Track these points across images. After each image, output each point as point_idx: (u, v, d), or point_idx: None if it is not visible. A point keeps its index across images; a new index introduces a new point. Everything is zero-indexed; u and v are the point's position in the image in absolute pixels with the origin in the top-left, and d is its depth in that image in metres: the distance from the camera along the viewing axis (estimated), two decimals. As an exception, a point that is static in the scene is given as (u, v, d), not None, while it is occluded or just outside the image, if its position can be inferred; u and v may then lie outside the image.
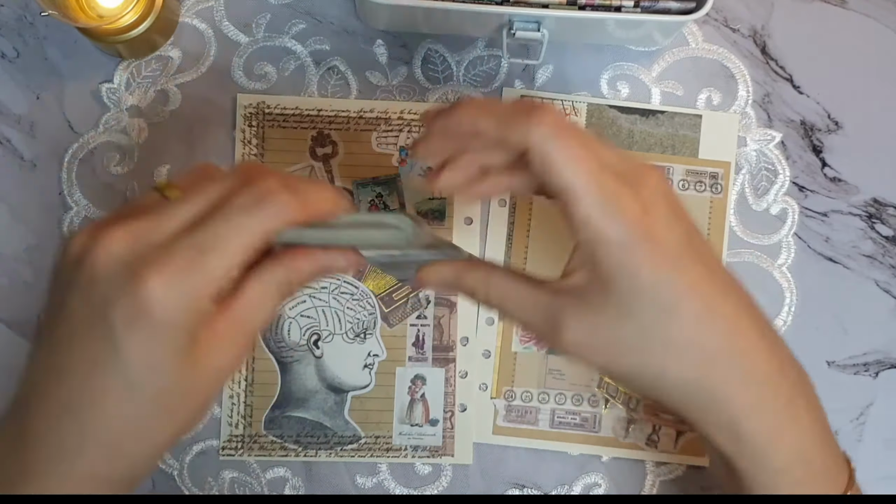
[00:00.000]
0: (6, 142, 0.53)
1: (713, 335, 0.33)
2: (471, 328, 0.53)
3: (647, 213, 0.32)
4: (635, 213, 0.32)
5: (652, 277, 0.32)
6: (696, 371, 0.33)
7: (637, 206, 0.32)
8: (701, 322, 0.33)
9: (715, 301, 0.33)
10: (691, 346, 0.33)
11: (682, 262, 0.33)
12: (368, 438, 0.53)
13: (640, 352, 0.33)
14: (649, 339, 0.33)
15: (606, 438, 0.53)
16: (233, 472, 0.53)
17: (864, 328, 0.54)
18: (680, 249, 0.33)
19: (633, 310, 0.32)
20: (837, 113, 0.55)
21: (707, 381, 0.34)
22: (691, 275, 0.33)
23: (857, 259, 0.55)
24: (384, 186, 0.53)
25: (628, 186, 0.32)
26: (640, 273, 0.32)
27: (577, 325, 0.33)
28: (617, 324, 0.33)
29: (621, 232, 0.32)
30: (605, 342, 0.33)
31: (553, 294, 0.35)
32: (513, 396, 0.53)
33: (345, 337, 0.53)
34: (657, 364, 0.33)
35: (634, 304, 0.32)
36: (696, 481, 0.54)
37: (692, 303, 0.33)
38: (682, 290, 0.32)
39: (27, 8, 0.53)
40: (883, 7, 0.55)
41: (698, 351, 0.33)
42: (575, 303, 0.34)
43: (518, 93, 0.54)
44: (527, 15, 0.48)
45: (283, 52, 0.53)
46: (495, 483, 0.53)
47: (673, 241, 0.32)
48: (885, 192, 0.55)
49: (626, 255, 0.32)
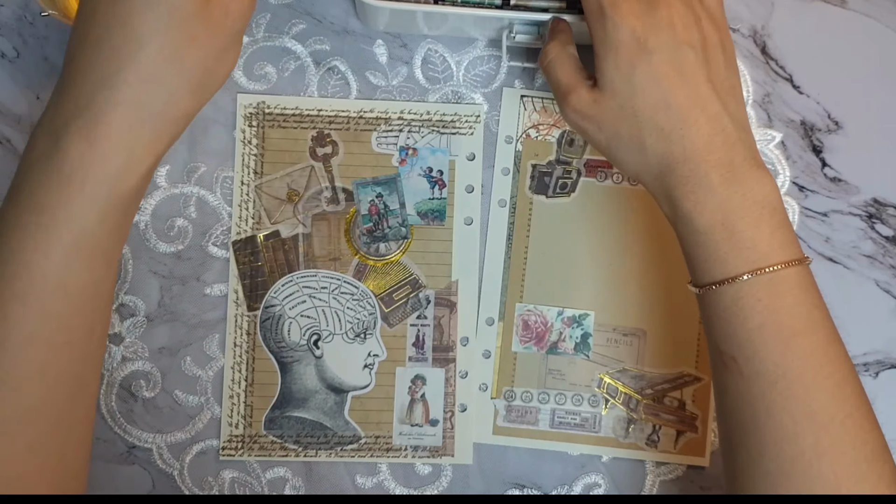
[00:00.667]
0: (6, 142, 0.53)
1: (666, 118, 0.42)
2: (471, 328, 0.53)
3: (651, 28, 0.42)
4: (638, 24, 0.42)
5: (632, 71, 0.42)
6: (649, 147, 0.43)
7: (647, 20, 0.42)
8: (656, 107, 0.42)
9: (672, 93, 0.42)
10: (648, 122, 0.42)
11: (658, 64, 0.42)
12: (368, 438, 0.53)
13: (616, 120, 0.44)
14: (625, 111, 0.43)
15: (606, 438, 0.53)
16: (233, 472, 0.53)
17: (864, 328, 0.54)
18: (663, 56, 0.42)
19: (616, 90, 0.43)
20: (837, 113, 0.55)
21: (653, 157, 0.43)
22: (659, 72, 0.42)
23: (857, 259, 0.55)
24: (384, 186, 0.53)
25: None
26: (630, 69, 0.42)
27: (584, 94, 0.45)
28: (606, 100, 0.44)
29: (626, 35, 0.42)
30: (597, 112, 0.44)
31: (580, 71, 0.46)
32: (513, 396, 0.53)
33: (345, 337, 0.53)
34: (626, 133, 0.43)
35: (618, 85, 0.43)
36: (696, 481, 0.54)
37: (653, 91, 0.42)
38: (647, 81, 0.42)
39: (27, 8, 0.53)
40: (883, 7, 0.55)
41: (654, 129, 0.43)
42: (590, 83, 0.45)
43: (518, 93, 0.54)
44: (527, 19, 0.48)
45: (283, 52, 0.53)
46: (495, 483, 0.53)
47: (661, 50, 0.42)
48: (885, 192, 0.55)
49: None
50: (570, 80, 0.45)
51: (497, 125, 0.54)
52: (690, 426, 0.53)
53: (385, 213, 0.53)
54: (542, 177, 0.54)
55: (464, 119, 0.54)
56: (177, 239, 0.53)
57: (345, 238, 0.53)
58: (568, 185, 0.54)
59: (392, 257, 0.53)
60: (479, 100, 0.54)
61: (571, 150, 0.54)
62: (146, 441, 0.53)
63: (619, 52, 0.42)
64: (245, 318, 0.53)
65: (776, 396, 0.41)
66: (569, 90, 0.45)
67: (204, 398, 0.53)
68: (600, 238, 0.54)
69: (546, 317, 0.54)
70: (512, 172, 0.54)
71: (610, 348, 0.54)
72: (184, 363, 0.53)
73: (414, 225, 0.54)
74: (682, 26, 0.42)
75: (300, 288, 0.53)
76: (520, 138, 0.54)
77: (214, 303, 0.53)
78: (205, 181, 0.53)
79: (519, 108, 0.54)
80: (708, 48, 0.43)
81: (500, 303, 0.54)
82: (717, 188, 0.42)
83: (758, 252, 0.42)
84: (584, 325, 0.54)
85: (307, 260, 0.53)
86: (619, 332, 0.54)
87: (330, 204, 0.53)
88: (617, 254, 0.54)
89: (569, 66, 0.46)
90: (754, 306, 0.42)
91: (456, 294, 0.54)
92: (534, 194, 0.54)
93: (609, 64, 0.43)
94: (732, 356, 0.42)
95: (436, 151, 0.54)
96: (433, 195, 0.54)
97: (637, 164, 0.44)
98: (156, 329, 0.53)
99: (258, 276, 0.53)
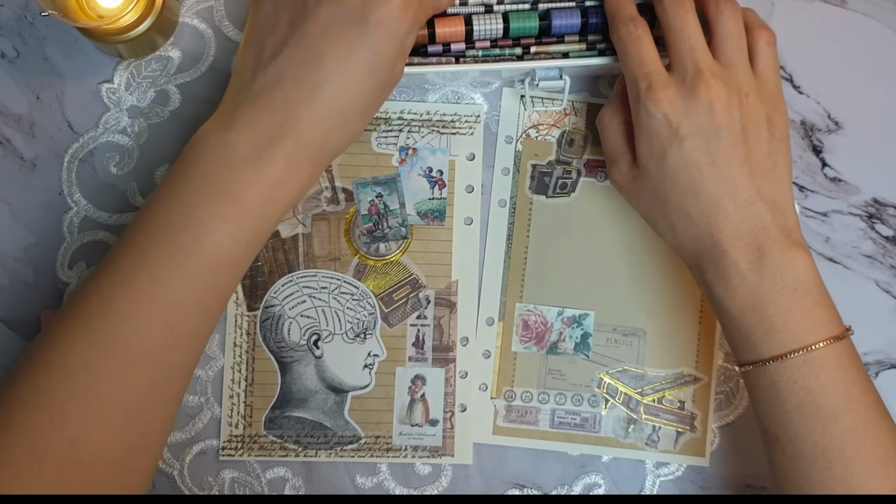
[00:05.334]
0: (6, 142, 0.53)
1: (695, 205, 0.43)
2: (471, 328, 0.53)
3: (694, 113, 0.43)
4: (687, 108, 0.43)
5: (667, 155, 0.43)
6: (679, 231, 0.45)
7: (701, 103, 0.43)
8: (686, 193, 0.43)
9: (702, 180, 0.43)
10: (677, 208, 0.44)
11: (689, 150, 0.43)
12: (368, 438, 0.53)
13: (650, 201, 0.46)
14: (657, 194, 0.45)
15: (606, 438, 0.53)
16: (233, 472, 0.53)
17: (864, 328, 0.54)
18: (695, 142, 0.43)
19: (649, 173, 0.44)
20: (837, 113, 0.55)
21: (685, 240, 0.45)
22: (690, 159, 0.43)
23: (857, 259, 0.55)
24: (384, 186, 0.53)
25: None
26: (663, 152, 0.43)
27: (624, 169, 0.47)
28: (642, 179, 0.45)
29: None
30: (634, 189, 0.46)
31: (628, 142, 0.47)
32: (513, 396, 0.53)
33: (345, 337, 0.53)
34: (658, 214, 0.46)
35: (651, 169, 0.44)
36: (696, 481, 0.54)
37: (683, 177, 0.43)
38: (678, 167, 0.43)
39: (27, 8, 0.53)
40: (883, 7, 0.55)
41: (683, 215, 0.44)
42: (632, 157, 0.46)
43: (518, 93, 0.54)
44: (550, 66, 0.48)
45: (283, 52, 0.53)
46: (495, 483, 0.53)
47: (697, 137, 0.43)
48: (885, 192, 0.55)
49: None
50: (617, 152, 0.47)
51: (497, 125, 0.54)
52: (690, 426, 0.53)
53: (385, 213, 0.53)
54: (542, 177, 0.54)
55: (464, 119, 0.54)
56: (177, 239, 0.53)
57: (345, 238, 0.53)
58: (568, 185, 0.54)
59: (392, 257, 0.53)
60: (478, 100, 0.54)
61: (571, 150, 0.54)
62: (146, 441, 0.52)
63: (653, 138, 0.43)
64: (245, 318, 0.53)
65: (818, 475, 0.42)
66: (613, 161, 0.47)
67: (204, 398, 0.53)
68: (600, 238, 0.54)
69: (546, 317, 0.54)
70: (512, 172, 0.54)
71: (610, 348, 0.54)
72: (184, 363, 0.53)
73: (414, 225, 0.54)
74: (721, 109, 0.42)
75: (300, 288, 0.53)
76: (520, 138, 0.54)
77: (214, 303, 0.53)
78: (205, 181, 0.53)
79: (519, 108, 0.54)
80: (749, 128, 0.43)
81: (500, 303, 0.54)
82: (747, 274, 0.43)
83: (790, 335, 0.42)
84: (584, 325, 0.54)
85: (307, 260, 0.53)
86: (619, 332, 0.54)
87: (330, 204, 0.53)
88: (617, 254, 0.54)
89: (618, 137, 0.47)
90: (791, 388, 0.42)
91: (456, 294, 0.54)
92: (534, 194, 0.54)
93: (644, 148, 0.44)
94: (775, 435, 0.44)
95: (436, 151, 0.54)
96: (433, 195, 0.54)
97: (671, 242, 0.46)
98: (156, 329, 0.53)
99: (258, 276, 0.53)
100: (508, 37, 0.48)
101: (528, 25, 0.48)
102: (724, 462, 0.54)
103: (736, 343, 0.45)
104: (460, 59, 0.49)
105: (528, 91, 0.51)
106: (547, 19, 0.48)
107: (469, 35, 0.48)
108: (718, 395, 0.54)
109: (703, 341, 0.54)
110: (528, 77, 0.50)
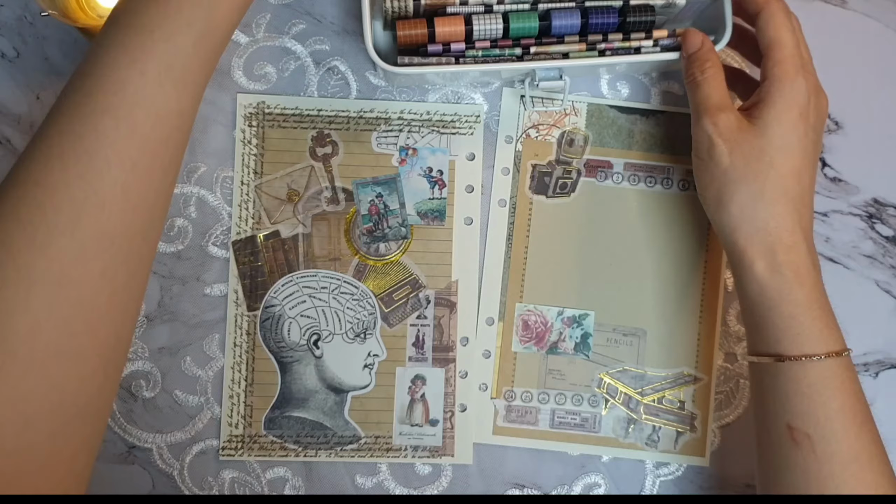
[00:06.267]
0: (6, 142, 0.53)
1: (795, 185, 0.45)
2: (471, 328, 0.53)
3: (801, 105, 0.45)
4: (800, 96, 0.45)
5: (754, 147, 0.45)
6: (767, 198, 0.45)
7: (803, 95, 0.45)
8: (790, 174, 0.45)
9: (806, 170, 0.45)
10: (777, 181, 0.45)
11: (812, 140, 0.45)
12: (368, 438, 0.53)
13: (751, 158, 0.45)
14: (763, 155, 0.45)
15: (606, 438, 0.53)
16: (233, 472, 0.53)
17: (864, 328, 0.54)
18: (817, 136, 0.45)
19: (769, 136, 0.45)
20: (837, 113, 0.55)
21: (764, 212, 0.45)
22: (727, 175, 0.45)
23: (857, 259, 0.55)
24: (384, 186, 0.53)
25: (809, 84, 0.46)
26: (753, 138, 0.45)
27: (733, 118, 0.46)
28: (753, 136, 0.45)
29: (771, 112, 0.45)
30: (738, 138, 0.45)
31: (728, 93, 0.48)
32: (513, 396, 0.53)
33: (345, 337, 0.53)
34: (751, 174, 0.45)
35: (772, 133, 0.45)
36: (696, 481, 0.54)
37: (795, 159, 0.45)
38: (797, 148, 0.45)
39: (27, 8, 0.53)
40: (883, 7, 0.55)
41: (778, 188, 0.45)
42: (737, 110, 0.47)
43: (518, 93, 0.54)
44: (550, 66, 0.48)
45: (283, 52, 0.53)
46: (495, 483, 0.53)
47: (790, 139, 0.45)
48: (885, 192, 0.55)
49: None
50: (724, 100, 0.47)
51: (497, 125, 0.54)
52: (690, 426, 0.53)
53: (385, 213, 0.53)
54: (542, 177, 0.54)
55: (464, 119, 0.54)
56: (177, 239, 0.53)
57: (345, 238, 0.53)
58: (568, 185, 0.54)
59: (392, 257, 0.53)
60: (478, 100, 0.54)
61: (571, 150, 0.54)
62: (146, 441, 0.53)
63: (792, 110, 0.45)
64: (245, 318, 0.53)
65: (848, 478, 0.42)
66: (721, 108, 0.46)
67: (204, 398, 0.53)
68: (600, 238, 0.54)
69: (546, 317, 0.54)
70: (512, 172, 0.54)
71: (610, 348, 0.54)
72: (184, 363, 0.53)
73: (414, 225, 0.54)
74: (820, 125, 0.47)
75: (300, 288, 0.53)
76: (520, 138, 0.54)
77: (214, 303, 0.53)
78: (205, 181, 0.53)
79: (519, 108, 0.54)
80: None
81: (500, 303, 0.54)
82: (815, 267, 0.45)
83: (839, 334, 0.45)
84: (584, 325, 0.54)
85: (307, 260, 0.53)
86: (619, 332, 0.54)
87: (330, 204, 0.53)
88: (617, 254, 0.54)
89: (723, 86, 0.47)
90: (839, 387, 0.43)
91: (456, 294, 0.54)
92: (534, 194, 0.54)
93: (775, 111, 0.45)
94: (807, 433, 0.43)
95: (436, 151, 0.54)
96: (433, 195, 0.54)
97: (741, 203, 0.45)
98: (156, 329, 0.53)
99: (258, 276, 0.53)
100: (508, 37, 0.48)
101: (528, 26, 0.48)
102: (724, 462, 0.54)
103: (789, 332, 0.44)
104: (460, 59, 0.49)
105: (528, 91, 0.51)
106: (547, 19, 0.48)
107: (469, 35, 0.48)
108: (718, 395, 0.54)
109: (703, 341, 0.54)
110: (528, 77, 0.50)
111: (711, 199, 0.46)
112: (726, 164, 0.45)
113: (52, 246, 0.36)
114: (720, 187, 0.45)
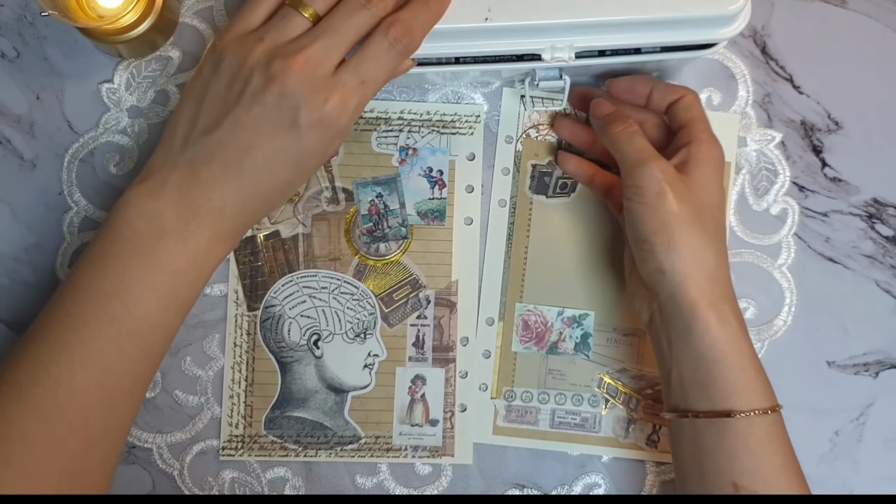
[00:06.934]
0: (6, 142, 0.53)
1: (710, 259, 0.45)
2: (471, 328, 0.53)
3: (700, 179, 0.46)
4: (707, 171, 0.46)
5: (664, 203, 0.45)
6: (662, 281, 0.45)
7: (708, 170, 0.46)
8: (667, 249, 0.45)
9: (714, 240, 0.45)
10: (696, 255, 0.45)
11: (685, 210, 0.45)
12: (368, 438, 0.53)
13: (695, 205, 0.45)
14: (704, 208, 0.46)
15: (606, 438, 0.53)
16: (233, 472, 0.53)
17: (864, 328, 0.54)
18: (693, 205, 0.45)
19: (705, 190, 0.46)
20: (837, 113, 0.55)
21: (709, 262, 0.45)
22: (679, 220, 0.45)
23: (857, 259, 0.55)
24: (384, 186, 0.53)
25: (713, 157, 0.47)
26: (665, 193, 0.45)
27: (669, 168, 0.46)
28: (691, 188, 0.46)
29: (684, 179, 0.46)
30: (683, 186, 0.45)
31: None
32: (513, 396, 0.53)
33: (345, 337, 0.53)
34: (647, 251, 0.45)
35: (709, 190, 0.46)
36: (696, 481, 0.54)
37: (667, 232, 0.45)
38: (670, 222, 0.45)
39: (27, 8, 0.53)
40: (883, 7, 0.55)
41: (701, 265, 0.44)
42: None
43: (518, 93, 0.54)
44: (550, 66, 0.48)
45: (283, 52, 0.53)
46: (495, 483, 0.53)
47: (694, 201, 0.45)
48: (885, 192, 0.55)
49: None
50: (652, 151, 0.46)
51: (497, 125, 0.54)
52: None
53: (385, 213, 0.53)
54: (542, 177, 0.54)
55: (464, 119, 0.54)
56: (177, 239, 0.53)
57: (345, 238, 0.53)
58: (568, 185, 0.54)
59: (392, 257, 0.53)
60: (478, 100, 0.54)
61: (571, 150, 0.54)
62: (146, 441, 0.53)
63: (718, 169, 0.47)
64: (245, 318, 0.53)
65: None
66: (659, 157, 0.46)
67: (204, 398, 0.53)
68: (600, 238, 0.54)
69: (546, 317, 0.54)
70: (512, 172, 0.54)
71: (610, 348, 0.54)
72: (184, 363, 0.53)
73: (414, 225, 0.54)
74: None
75: (300, 288, 0.53)
76: (520, 138, 0.54)
77: (214, 303, 0.53)
78: (205, 181, 0.53)
79: (519, 108, 0.54)
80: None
81: (500, 303, 0.54)
82: (738, 320, 0.45)
83: (767, 389, 0.45)
84: (584, 325, 0.54)
85: (307, 260, 0.53)
86: (619, 332, 0.54)
87: (330, 204, 0.53)
88: (617, 254, 0.54)
89: (644, 139, 0.47)
90: (782, 441, 0.43)
91: (456, 294, 0.54)
92: (534, 194, 0.54)
93: (708, 170, 0.46)
94: (754, 491, 0.43)
95: (436, 151, 0.54)
96: (433, 195, 0.54)
97: (694, 249, 0.45)
98: (156, 329, 0.53)
99: (258, 276, 0.53)
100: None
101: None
102: (724, 462, 0.54)
103: (738, 386, 0.43)
104: (460, 59, 0.49)
105: (528, 91, 0.51)
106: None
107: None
108: (718, 395, 0.54)
109: (703, 341, 0.54)
110: (528, 77, 0.50)
111: (661, 244, 0.44)
112: (676, 210, 0.44)
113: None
114: (672, 233, 0.44)
